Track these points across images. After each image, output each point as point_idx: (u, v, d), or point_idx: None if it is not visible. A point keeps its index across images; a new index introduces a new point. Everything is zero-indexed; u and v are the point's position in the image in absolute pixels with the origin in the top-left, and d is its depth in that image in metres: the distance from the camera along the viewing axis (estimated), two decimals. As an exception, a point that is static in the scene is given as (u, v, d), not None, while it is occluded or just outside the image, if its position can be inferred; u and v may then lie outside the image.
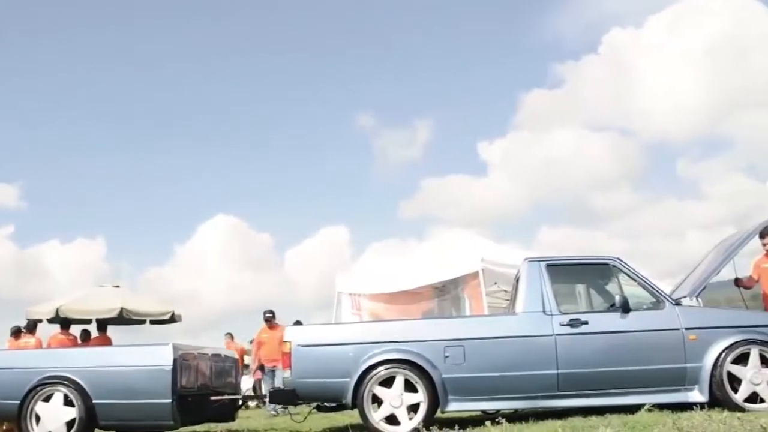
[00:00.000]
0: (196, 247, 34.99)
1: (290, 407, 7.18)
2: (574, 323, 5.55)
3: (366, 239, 49.25)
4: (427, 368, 5.47)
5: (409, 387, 5.48)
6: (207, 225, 36.51)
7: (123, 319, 12.05)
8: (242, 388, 9.43)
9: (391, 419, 5.44)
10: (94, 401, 5.91)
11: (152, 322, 12.77)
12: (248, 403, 11.76)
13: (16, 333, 10.51)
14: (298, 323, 8.71)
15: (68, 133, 35.94)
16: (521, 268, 6.02)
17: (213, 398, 6.58)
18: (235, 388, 7.36)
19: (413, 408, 5.44)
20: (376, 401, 5.50)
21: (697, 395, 5.36)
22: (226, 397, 6.81)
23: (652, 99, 34.84)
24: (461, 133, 40.57)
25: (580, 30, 39.70)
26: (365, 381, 5.48)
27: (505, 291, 10.18)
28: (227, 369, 7.18)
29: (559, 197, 39.05)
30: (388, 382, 5.50)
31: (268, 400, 6.66)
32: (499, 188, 39.36)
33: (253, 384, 12.61)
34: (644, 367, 5.44)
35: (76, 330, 11.17)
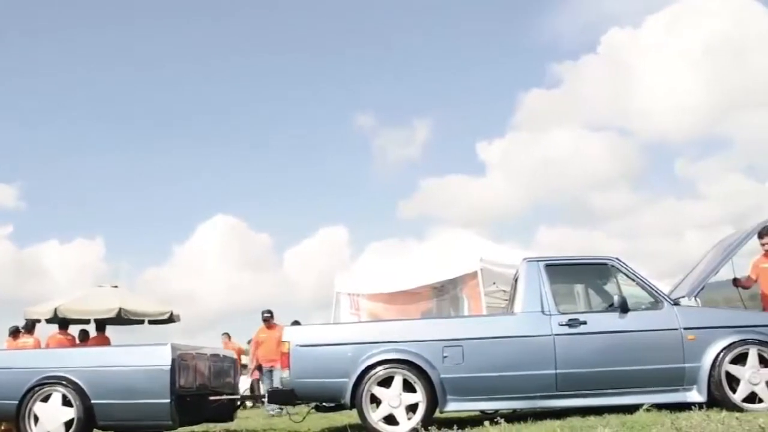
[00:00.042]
0: (194, 248, 34.88)
1: (289, 407, 7.18)
2: (572, 323, 5.56)
3: (365, 239, 49.23)
4: (426, 368, 5.47)
5: (408, 387, 5.48)
6: (206, 225, 36.36)
7: (121, 319, 12.02)
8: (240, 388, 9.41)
9: (390, 419, 5.44)
10: (92, 401, 5.91)
11: (151, 322, 12.75)
12: (246, 403, 11.76)
13: (15, 333, 10.51)
14: (296, 323, 8.73)
15: (67, 133, 35.90)
16: (520, 268, 6.02)
17: (211, 398, 6.58)
18: (233, 388, 7.35)
19: (412, 408, 5.44)
20: (375, 401, 5.50)
21: (695, 395, 5.37)
22: (224, 397, 6.81)
23: (651, 99, 34.87)
24: (460, 133, 40.58)
25: (578, 30, 39.73)
26: (364, 381, 5.48)
27: (503, 291, 10.16)
28: (226, 369, 7.18)
29: (558, 197, 39.06)
30: (386, 382, 5.50)
31: (266, 400, 6.65)
32: (497, 188, 39.36)
33: (251, 384, 12.60)
34: (643, 367, 5.44)
35: (74, 330, 11.16)
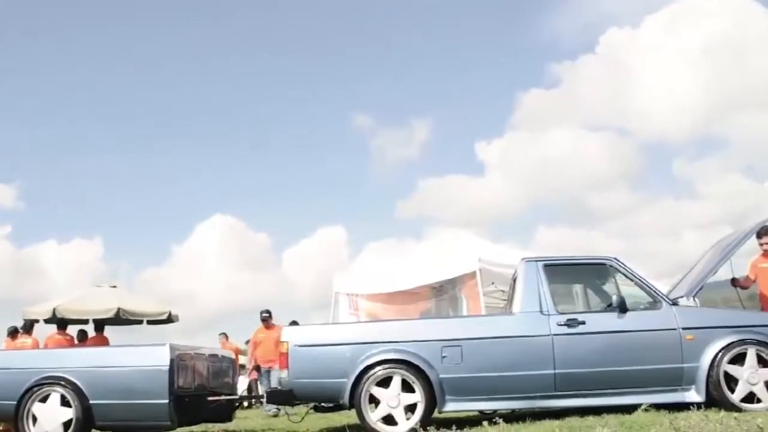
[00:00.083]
0: (193, 247, 34.84)
1: (287, 407, 7.17)
2: (571, 323, 5.56)
3: (363, 239, 49.09)
4: (425, 368, 5.46)
5: (407, 387, 5.48)
6: (204, 225, 36.30)
7: (120, 319, 12.01)
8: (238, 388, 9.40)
9: (389, 419, 5.44)
10: (91, 401, 5.91)
11: (149, 323, 12.74)
12: (244, 404, 11.75)
13: (13, 333, 10.49)
14: (294, 323, 8.74)
15: (67, 133, 35.78)
16: (518, 268, 6.02)
17: (210, 398, 6.57)
18: (232, 389, 7.35)
19: (410, 408, 5.44)
20: (374, 401, 5.49)
21: (693, 395, 5.37)
22: (223, 397, 6.80)
23: (649, 99, 34.79)
24: (459, 133, 40.47)
25: (577, 30, 39.63)
26: (362, 381, 5.48)
27: (502, 291, 10.16)
28: (224, 369, 7.18)
29: (556, 197, 38.96)
30: (385, 382, 5.50)
31: (265, 400, 6.65)
32: (496, 188, 39.27)
33: (249, 384, 12.59)
34: (641, 367, 5.44)
35: (73, 330, 11.16)
